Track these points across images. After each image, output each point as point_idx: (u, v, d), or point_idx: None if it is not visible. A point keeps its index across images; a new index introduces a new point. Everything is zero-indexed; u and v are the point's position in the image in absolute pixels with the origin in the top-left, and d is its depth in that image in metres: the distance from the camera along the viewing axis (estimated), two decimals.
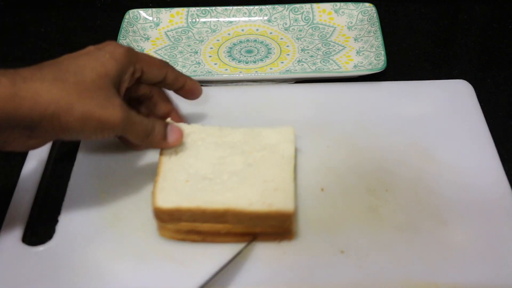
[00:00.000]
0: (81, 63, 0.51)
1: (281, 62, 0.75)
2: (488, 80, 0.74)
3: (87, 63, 0.51)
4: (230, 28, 0.81)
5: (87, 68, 0.51)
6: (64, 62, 0.51)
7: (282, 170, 0.55)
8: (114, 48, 0.53)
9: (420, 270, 0.52)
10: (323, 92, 0.70)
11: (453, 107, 0.67)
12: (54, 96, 0.48)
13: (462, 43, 0.81)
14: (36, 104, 0.47)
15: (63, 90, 0.48)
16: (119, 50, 0.53)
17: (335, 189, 0.58)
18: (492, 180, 0.59)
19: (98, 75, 0.51)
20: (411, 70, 0.76)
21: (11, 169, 0.64)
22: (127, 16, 0.79)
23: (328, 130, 0.64)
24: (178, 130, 0.57)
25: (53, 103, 0.48)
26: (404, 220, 0.56)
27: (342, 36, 0.79)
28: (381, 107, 0.67)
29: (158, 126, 0.56)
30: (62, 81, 0.49)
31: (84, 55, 0.52)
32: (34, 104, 0.47)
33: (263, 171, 0.55)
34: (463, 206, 0.57)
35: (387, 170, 0.60)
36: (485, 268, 0.52)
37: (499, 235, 0.54)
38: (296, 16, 0.81)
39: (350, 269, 0.52)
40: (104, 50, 0.53)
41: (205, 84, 0.72)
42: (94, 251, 0.54)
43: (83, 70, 0.50)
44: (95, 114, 0.49)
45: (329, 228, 0.55)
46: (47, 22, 0.86)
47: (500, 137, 0.64)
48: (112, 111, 0.50)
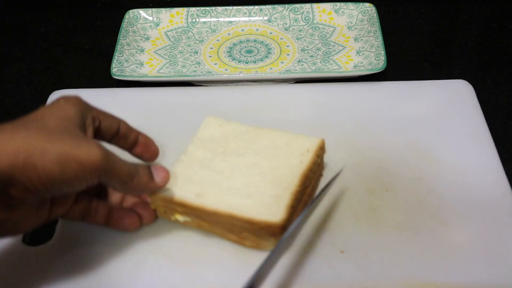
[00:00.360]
0: (38, 113, 0.47)
1: (281, 62, 0.75)
2: (488, 80, 0.74)
3: (45, 112, 0.47)
4: (230, 28, 0.81)
5: (46, 115, 0.47)
6: (20, 118, 0.46)
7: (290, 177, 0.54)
8: (66, 98, 0.50)
9: (420, 270, 0.52)
10: (323, 92, 0.70)
11: (453, 107, 0.67)
12: (21, 143, 0.42)
13: (462, 43, 0.81)
14: (2, 155, 0.41)
15: (28, 136, 0.43)
16: (71, 99, 0.50)
17: (335, 189, 0.58)
18: (492, 180, 0.59)
19: (61, 118, 0.47)
20: (411, 70, 0.76)
21: None
22: (127, 16, 0.79)
23: (328, 130, 0.64)
24: (163, 169, 0.52)
25: (22, 149, 0.42)
26: (404, 220, 0.56)
27: (342, 36, 0.79)
28: (381, 107, 0.67)
29: (141, 167, 0.50)
30: (25, 128, 0.44)
31: (37, 110, 0.48)
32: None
33: (269, 177, 0.54)
34: (463, 206, 0.57)
35: (387, 170, 0.60)
36: (485, 268, 0.52)
37: (499, 235, 0.54)
38: (296, 16, 0.81)
39: (350, 269, 0.52)
40: (56, 101, 0.49)
41: (205, 84, 0.72)
42: (94, 251, 0.54)
43: (43, 117, 0.46)
44: (72, 154, 0.44)
45: (329, 228, 0.55)
46: (47, 22, 0.86)
47: (500, 137, 0.64)
48: (89, 149, 0.45)
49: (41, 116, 0.47)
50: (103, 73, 0.76)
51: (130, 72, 0.73)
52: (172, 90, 0.71)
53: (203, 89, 0.71)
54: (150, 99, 0.70)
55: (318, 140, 0.57)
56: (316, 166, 0.56)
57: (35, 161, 0.42)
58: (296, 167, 0.55)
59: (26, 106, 0.73)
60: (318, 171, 0.58)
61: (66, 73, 0.78)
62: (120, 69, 0.72)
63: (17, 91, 0.75)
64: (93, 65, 0.78)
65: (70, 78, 0.77)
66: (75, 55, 0.81)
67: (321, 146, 0.57)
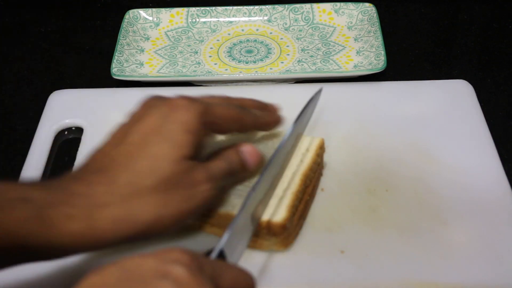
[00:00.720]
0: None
1: (281, 62, 0.75)
2: (488, 80, 0.74)
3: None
4: (230, 28, 0.81)
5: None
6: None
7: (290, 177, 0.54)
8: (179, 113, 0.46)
9: (420, 270, 0.52)
10: (323, 92, 0.69)
11: (453, 107, 0.67)
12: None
13: (462, 43, 0.81)
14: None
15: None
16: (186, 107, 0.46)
17: (335, 189, 0.58)
18: (492, 180, 0.59)
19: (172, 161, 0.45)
20: (411, 70, 0.76)
21: (11, 169, 0.65)
22: (127, 16, 0.79)
23: (328, 130, 0.64)
24: (252, 150, 0.51)
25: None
26: (404, 220, 0.56)
27: (342, 36, 0.79)
28: (381, 107, 0.67)
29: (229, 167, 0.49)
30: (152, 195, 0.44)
31: (154, 136, 0.45)
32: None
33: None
34: (463, 206, 0.57)
35: (387, 170, 0.60)
36: (485, 268, 0.52)
37: (499, 235, 0.54)
38: (296, 16, 0.81)
39: (350, 269, 0.52)
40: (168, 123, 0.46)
41: (205, 84, 0.72)
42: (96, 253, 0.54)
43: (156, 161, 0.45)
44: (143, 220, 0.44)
45: (329, 228, 0.55)
46: (47, 22, 0.86)
47: (500, 137, 0.64)
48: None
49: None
50: (103, 73, 0.76)
51: (130, 72, 0.73)
52: (172, 90, 0.71)
53: (203, 89, 0.71)
54: None
55: (318, 140, 0.57)
56: (316, 165, 0.56)
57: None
58: (296, 166, 0.55)
59: (26, 106, 0.73)
60: (318, 171, 0.58)
61: (66, 73, 0.78)
62: (120, 69, 0.72)
63: (17, 91, 0.75)
64: (93, 65, 0.78)
65: (70, 78, 0.77)
66: (75, 55, 0.81)
67: (321, 145, 0.57)
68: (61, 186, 0.43)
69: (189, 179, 0.45)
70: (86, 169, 0.45)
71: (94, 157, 0.46)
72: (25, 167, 0.62)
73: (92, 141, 0.64)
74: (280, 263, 0.52)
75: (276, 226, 0.51)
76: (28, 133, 0.67)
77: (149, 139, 0.45)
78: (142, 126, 0.45)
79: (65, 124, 0.68)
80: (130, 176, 0.43)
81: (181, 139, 0.45)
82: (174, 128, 0.45)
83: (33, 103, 0.73)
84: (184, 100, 0.46)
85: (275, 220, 0.51)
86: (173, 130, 0.45)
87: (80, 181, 0.43)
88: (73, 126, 0.68)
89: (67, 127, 0.68)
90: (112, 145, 0.46)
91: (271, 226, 0.51)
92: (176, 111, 0.46)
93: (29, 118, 0.70)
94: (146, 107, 0.47)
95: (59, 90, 0.72)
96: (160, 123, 0.45)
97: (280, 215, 0.51)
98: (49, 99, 0.70)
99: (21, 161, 0.63)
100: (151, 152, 0.44)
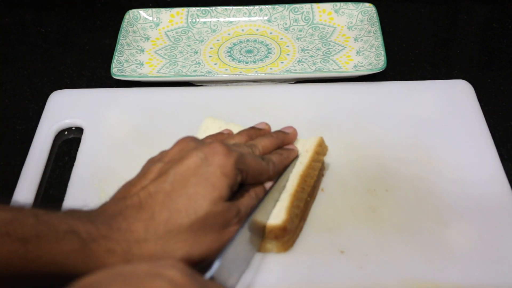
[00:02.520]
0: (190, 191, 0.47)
1: (281, 62, 0.75)
2: (488, 80, 0.74)
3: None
4: (230, 28, 0.81)
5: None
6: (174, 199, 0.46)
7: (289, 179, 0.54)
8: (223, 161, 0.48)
9: (420, 270, 0.52)
10: (323, 92, 0.70)
11: (453, 107, 0.67)
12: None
13: (462, 43, 0.81)
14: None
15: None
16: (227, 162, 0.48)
17: (335, 189, 0.58)
18: (492, 181, 0.59)
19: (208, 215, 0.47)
20: (411, 70, 0.76)
21: (11, 169, 0.64)
22: (127, 16, 0.79)
23: (328, 130, 0.64)
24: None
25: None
26: (404, 220, 0.56)
27: (342, 36, 0.79)
28: (381, 107, 0.67)
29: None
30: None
31: (193, 177, 0.47)
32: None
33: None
34: (463, 206, 0.57)
35: (387, 170, 0.60)
36: (485, 268, 0.52)
37: (499, 235, 0.54)
38: (296, 16, 0.81)
39: (350, 269, 0.52)
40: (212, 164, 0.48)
41: (205, 84, 0.72)
42: None
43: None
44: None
45: (329, 228, 0.55)
46: (47, 22, 0.86)
47: (500, 137, 0.64)
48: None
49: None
50: (103, 73, 0.76)
51: (130, 72, 0.73)
52: (172, 90, 0.71)
53: (203, 89, 0.71)
54: (150, 99, 0.70)
55: (315, 139, 0.57)
56: (316, 163, 0.56)
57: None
58: (295, 168, 0.55)
59: (26, 106, 0.73)
60: (320, 171, 0.58)
61: (66, 73, 0.78)
62: (120, 69, 0.72)
63: (17, 91, 0.75)
64: (93, 65, 0.78)
65: (70, 78, 0.77)
66: (75, 55, 0.81)
67: (320, 143, 0.57)
68: (104, 220, 0.45)
69: (222, 219, 0.47)
70: (126, 204, 0.46)
71: (130, 190, 0.47)
72: (25, 167, 0.62)
73: (92, 141, 0.64)
74: (280, 263, 0.52)
75: (277, 229, 0.51)
76: (28, 133, 0.67)
77: (188, 180, 0.47)
78: (182, 166, 0.47)
79: (65, 124, 0.68)
80: (168, 214, 0.45)
81: (219, 182, 0.47)
82: (213, 171, 0.47)
83: (33, 103, 0.73)
84: (222, 146, 0.49)
85: (275, 222, 0.50)
86: (212, 173, 0.47)
87: (121, 217, 0.45)
88: (73, 126, 0.68)
89: (67, 127, 0.68)
90: (149, 181, 0.47)
91: (272, 229, 0.51)
92: (215, 156, 0.48)
93: (29, 118, 0.70)
94: (184, 148, 0.49)
95: (59, 90, 0.72)
96: (199, 165, 0.47)
97: (279, 218, 0.51)
98: (49, 99, 0.70)
99: (21, 161, 0.63)
100: (190, 192, 0.46)
